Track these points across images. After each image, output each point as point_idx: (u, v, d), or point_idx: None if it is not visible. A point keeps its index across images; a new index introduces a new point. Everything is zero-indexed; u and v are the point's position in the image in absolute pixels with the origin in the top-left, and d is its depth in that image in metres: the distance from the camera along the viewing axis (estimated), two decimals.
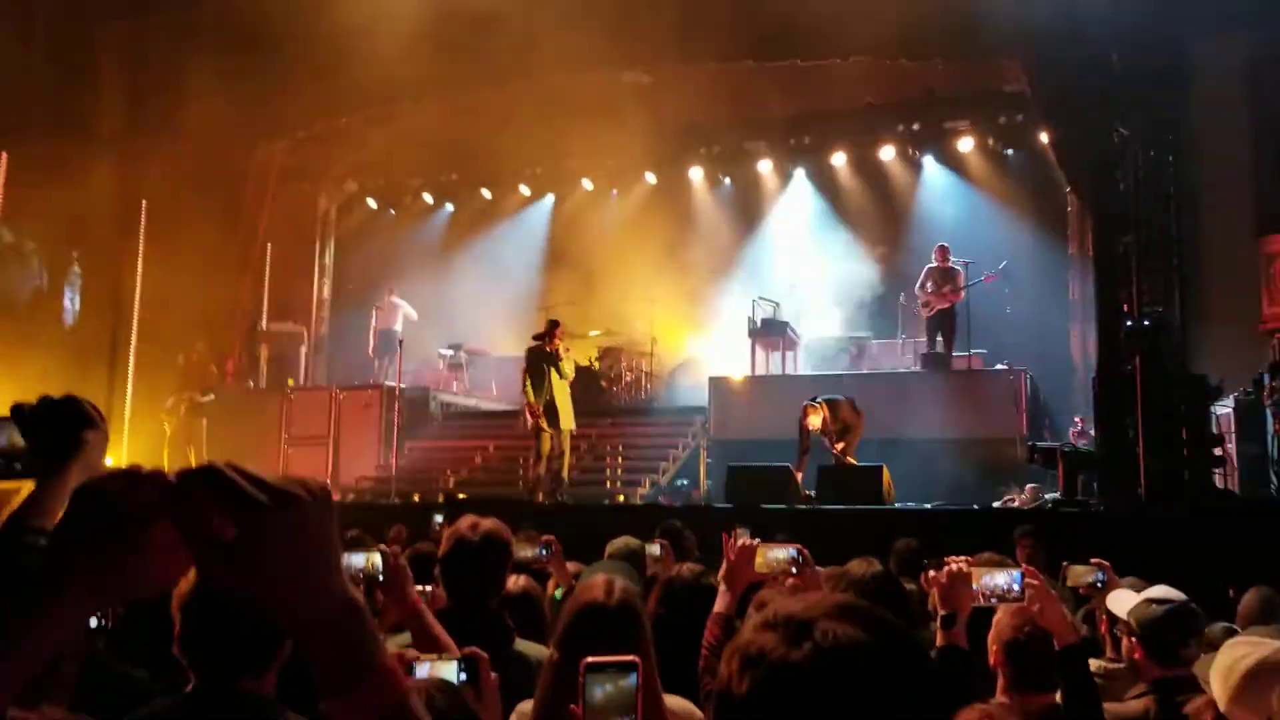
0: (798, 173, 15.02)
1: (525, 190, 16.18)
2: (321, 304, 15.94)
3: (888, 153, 14.20)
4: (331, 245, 16.22)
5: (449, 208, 16.77)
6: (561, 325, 10.33)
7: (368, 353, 14.68)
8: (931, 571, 3.10)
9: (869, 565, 3.14)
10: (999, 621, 2.74)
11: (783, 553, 2.86)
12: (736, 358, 12.88)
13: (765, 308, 12.87)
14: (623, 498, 11.04)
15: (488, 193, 16.24)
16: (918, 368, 12.16)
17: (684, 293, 14.23)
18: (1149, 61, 9.12)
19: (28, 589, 0.86)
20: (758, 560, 2.84)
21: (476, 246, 15.73)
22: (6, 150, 12.16)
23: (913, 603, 3.55)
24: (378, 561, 2.63)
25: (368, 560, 2.63)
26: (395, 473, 12.44)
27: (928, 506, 8.68)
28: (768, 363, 12.91)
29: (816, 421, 9.40)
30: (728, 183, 15.51)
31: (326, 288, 16.07)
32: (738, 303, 13.27)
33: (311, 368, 15.41)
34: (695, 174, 15.38)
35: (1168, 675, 2.83)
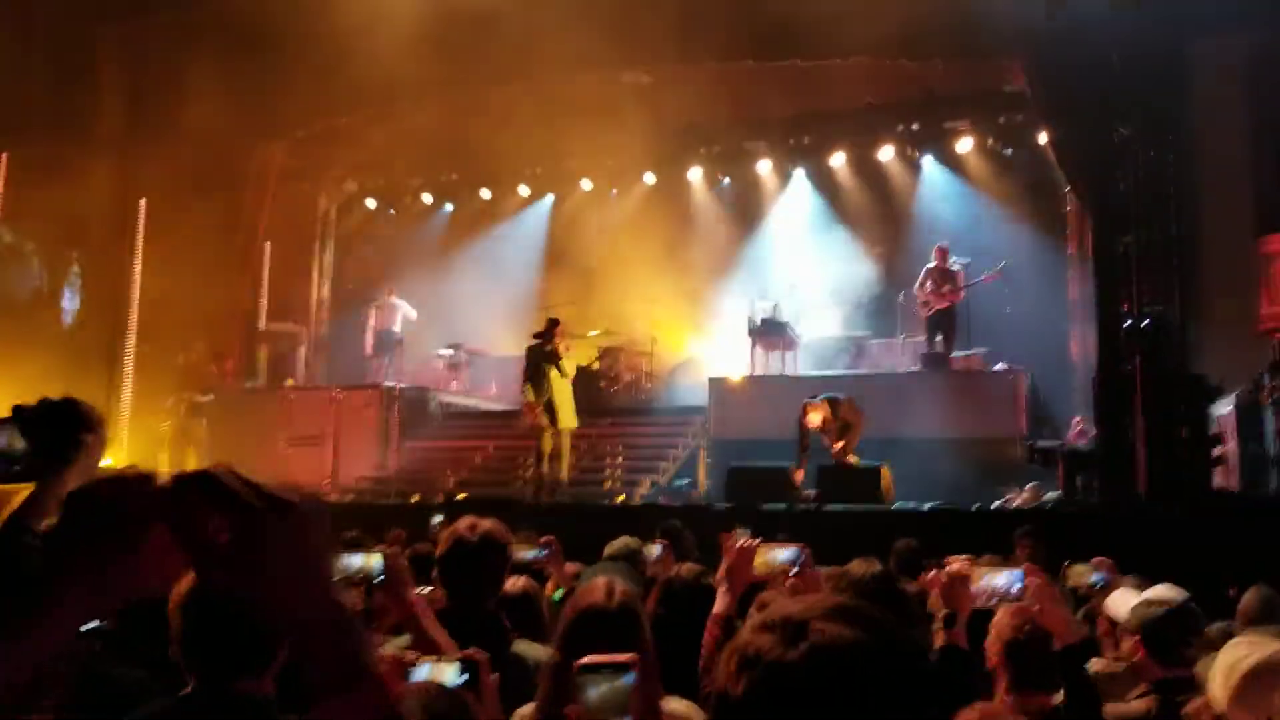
0: (797, 173, 15.00)
1: (525, 190, 16.15)
2: (321, 304, 15.94)
3: (887, 153, 14.18)
4: (331, 245, 16.21)
5: (448, 208, 16.75)
6: (562, 323, 10.32)
7: (365, 353, 14.67)
8: (932, 572, 3.10)
9: (869, 565, 3.14)
10: (999, 621, 2.73)
11: (783, 553, 2.86)
12: (736, 358, 12.88)
13: (765, 308, 12.87)
14: (622, 498, 11.02)
15: (487, 193, 16.22)
16: (917, 368, 12.16)
17: (684, 293, 14.22)
18: (1149, 61, 9.11)
19: (24, 591, 0.86)
20: (757, 560, 2.83)
21: (476, 246, 15.70)
22: (6, 150, 12.16)
23: (913, 603, 3.55)
24: (377, 563, 2.62)
25: (366, 561, 2.62)
26: (394, 473, 12.45)
27: (927, 506, 8.67)
28: (767, 363, 12.90)
29: (817, 419, 9.36)
30: (727, 183, 15.48)
31: (326, 288, 16.07)
32: (737, 303, 13.26)
33: (311, 368, 15.41)
34: (695, 174, 15.36)
35: (1169, 676, 2.83)
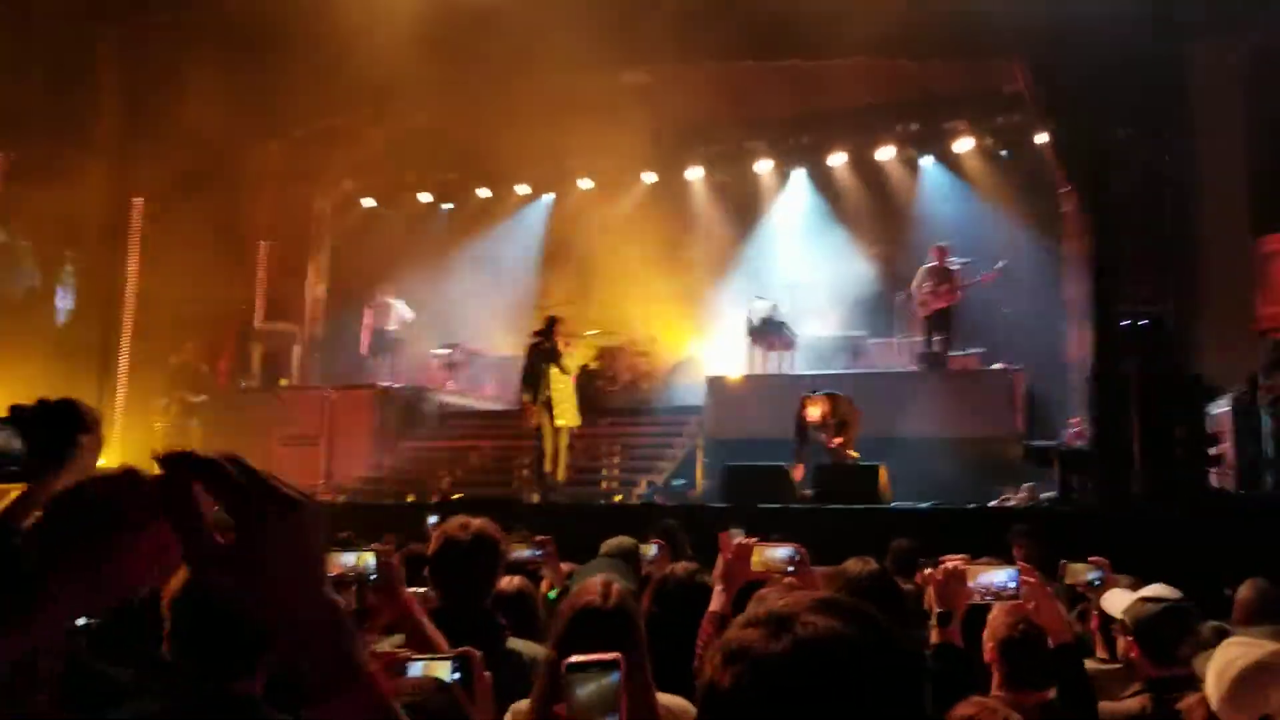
0: (796, 172, 15.01)
1: (523, 189, 16.15)
2: (317, 303, 15.91)
3: (886, 153, 14.20)
4: (327, 244, 16.18)
5: (446, 207, 16.73)
6: (562, 321, 10.29)
7: (361, 352, 14.65)
8: (927, 570, 3.10)
9: (865, 564, 3.13)
10: (994, 619, 2.73)
11: (779, 552, 2.85)
12: (734, 357, 12.87)
13: (763, 307, 12.86)
14: (619, 498, 11.01)
15: (485, 192, 16.21)
16: (915, 367, 12.16)
17: (682, 292, 14.21)
18: (1147, 62, 9.12)
19: (7, 588, 0.85)
20: (754, 559, 2.82)
21: (474, 246, 15.67)
22: (1, 149, 12.12)
23: (909, 601, 3.54)
24: (369, 561, 2.61)
25: (359, 560, 2.61)
26: (389, 473, 12.43)
27: (924, 506, 8.67)
28: (765, 362, 12.90)
29: (816, 413, 9.36)
30: (726, 183, 15.50)
31: (322, 287, 16.04)
32: (736, 302, 13.26)
33: (306, 367, 15.38)
34: (694, 174, 15.35)
35: (1163, 674, 2.83)
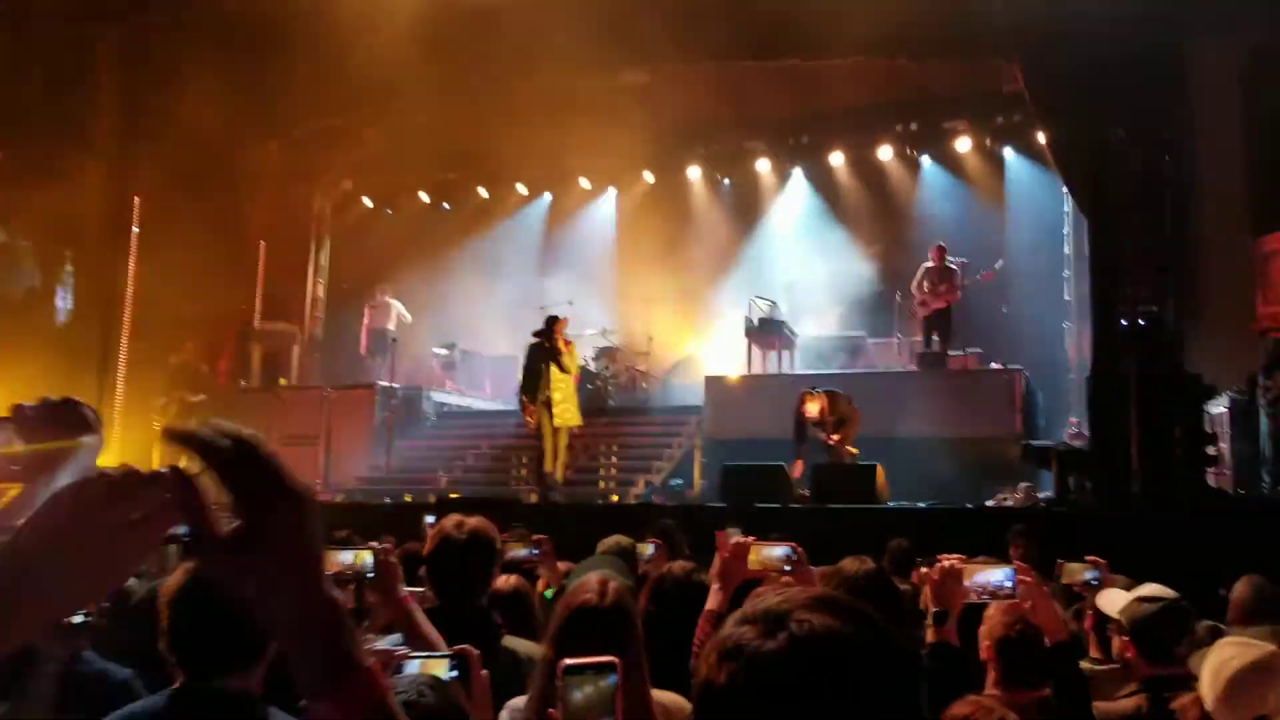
0: (795, 172, 15.01)
1: (522, 189, 16.15)
2: (316, 303, 15.90)
3: (885, 152, 14.20)
4: (327, 244, 16.17)
5: (445, 207, 16.73)
6: (562, 320, 10.28)
7: (359, 352, 14.65)
8: (924, 569, 3.10)
9: (861, 563, 3.13)
10: (991, 617, 2.74)
11: (776, 551, 2.85)
12: (733, 357, 12.87)
13: (762, 307, 12.86)
14: (617, 498, 11.02)
15: (484, 192, 16.20)
16: (913, 367, 12.16)
17: (681, 292, 14.21)
18: (1145, 61, 9.11)
19: None
20: (751, 558, 2.82)
21: (473, 246, 15.67)
22: (1, 148, 12.11)
23: (905, 601, 3.55)
24: (367, 560, 2.61)
25: (357, 558, 2.61)
26: (388, 473, 12.42)
27: (922, 505, 8.67)
28: (764, 362, 12.90)
29: (814, 409, 9.36)
30: (726, 182, 15.50)
31: (321, 287, 16.03)
32: (734, 302, 13.25)
33: (304, 367, 15.37)
34: (693, 173, 15.36)
35: (1159, 673, 2.83)
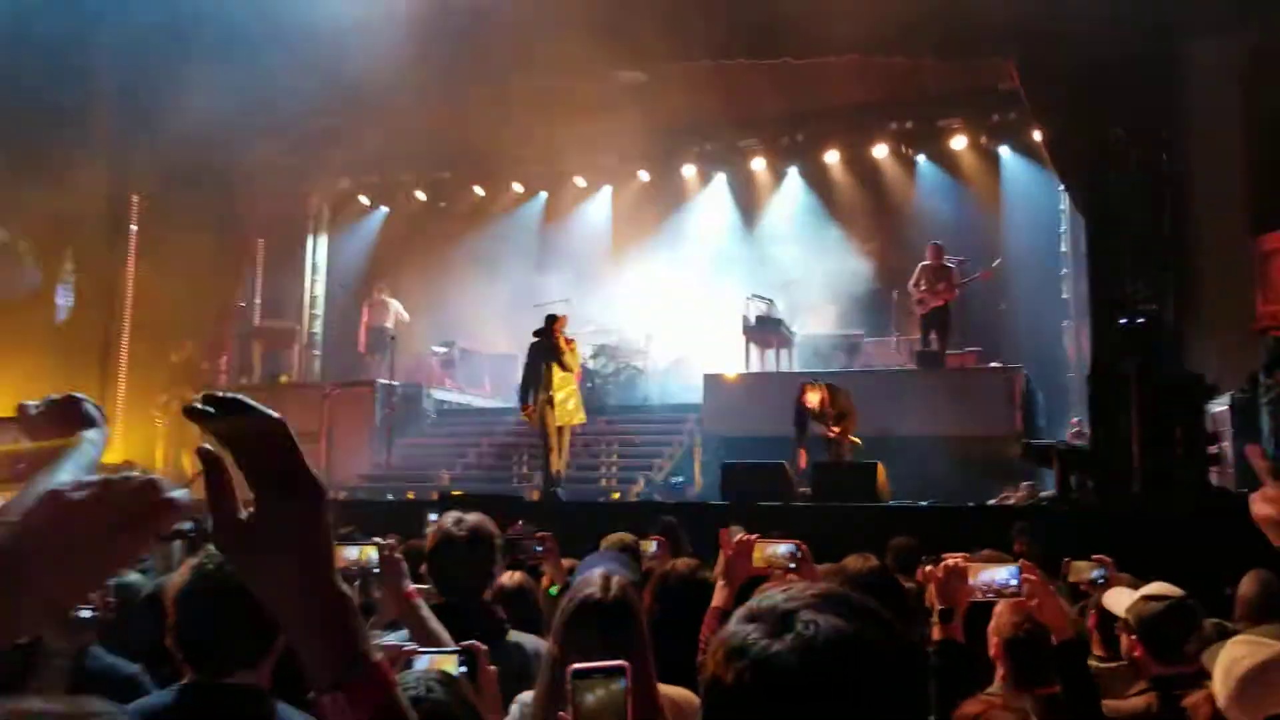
0: (791, 170, 15.01)
1: (519, 187, 16.14)
2: (314, 301, 15.90)
3: (881, 150, 14.20)
4: (325, 242, 16.17)
5: (442, 205, 16.70)
6: (562, 318, 10.27)
7: (358, 350, 14.64)
8: (928, 567, 3.10)
9: (865, 561, 3.13)
10: (999, 614, 2.73)
11: (781, 548, 2.85)
12: (731, 355, 12.87)
13: (759, 305, 12.86)
14: (617, 495, 11.02)
15: (481, 190, 16.19)
16: (911, 365, 12.17)
17: (678, 290, 14.20)
18: (1143, 61, 9.12)
19: None
20: (756, 555, 2.82)
21: (470, 244, 15.66)
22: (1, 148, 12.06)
23: (910, 599, 3.54)
24: (372, 556, 2.61)
25: (362, 554, 2.61)
26: (388, 470, 12.42)
27: (924, 504, 8.67)
28: (762, 360, 12.90)
29: (815, 400, 9.36)
30: (722, 180, 15.49)
31: (319, 285, 16.03)
32: (732, 300, 13.25)
33: (304, 364, 15.36)
34: (689, 171, 15.36)
35: (1168, 672, 2.83)
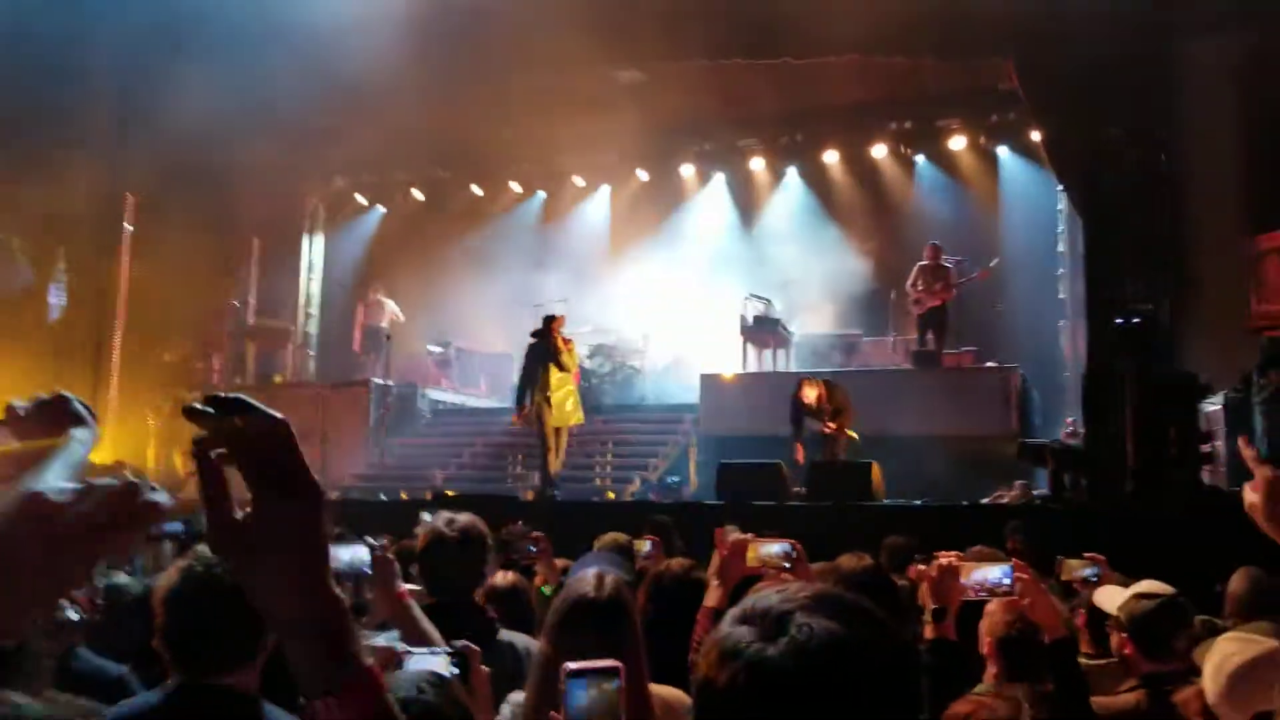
0: (789, 170, 15.01)
1: (516, 187, 16.12)
2: (309, 300, 15.87)
3: (880, 150, 14.21)
4: (320, 242, 16.14)
5: (439, 205, 16.68)
6: (560, 318, 10.26)
7: (354, 349, 14.62)
8: (921, 566, 3.10)
9: (859, 560, 3.13)
10: (991, 613, 2.73)
11: (775, 548, 2.85)
12: (728, 355, 12.87)
13: (757, 305, 12.86)
14: (613, 495, 11.01)
15: (478, 189, 16.17)
16: (908, 365, 12.17)
17: (676, 290, 14.20)
18: (1140, 60, 9.13)
19: None
20: (750, 555, 2.82)
21: (467, 243, 15.65)
22: None
23: (903, 597, 3.54)
24: (364, 555, 2.59)
25: (353, 555, 2.59)
26: (383, 470, 12.41)
27: (918, 503, 8.67)
28: (759, 360, 12.90)
29: (812, 395, 9.38)
30: (720, 180, 15.49)
31: (315, 284, 16.00)
32: (729, 300, 13.25)
33: (299, 364, 15.34)
34: (687, 171, 15.36)
35: (1158, 669, 2.83)
